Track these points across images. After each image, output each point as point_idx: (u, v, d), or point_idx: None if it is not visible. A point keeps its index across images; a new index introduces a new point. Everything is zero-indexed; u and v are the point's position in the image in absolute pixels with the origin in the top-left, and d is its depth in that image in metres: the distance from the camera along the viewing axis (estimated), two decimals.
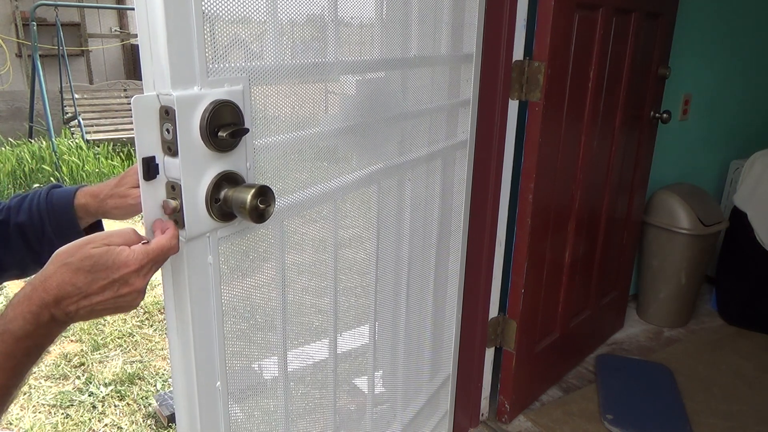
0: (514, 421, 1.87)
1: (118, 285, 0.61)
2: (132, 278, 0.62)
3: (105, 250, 0.61)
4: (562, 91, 1.63)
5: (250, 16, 0.77)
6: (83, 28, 7.12)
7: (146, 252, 0.63)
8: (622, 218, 2.20)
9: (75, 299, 0.60)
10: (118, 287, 0.61)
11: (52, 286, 0.60)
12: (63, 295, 0.60)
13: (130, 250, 0.62)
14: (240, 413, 0.87)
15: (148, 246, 0.63)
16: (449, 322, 1.58)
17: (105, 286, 0.61)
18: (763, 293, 2.42)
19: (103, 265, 0.60)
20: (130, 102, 0.64)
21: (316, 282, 1.03)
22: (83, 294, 0.60)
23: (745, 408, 1.95)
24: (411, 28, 1.16)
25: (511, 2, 1.47)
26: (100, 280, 0.60)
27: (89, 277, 0.60)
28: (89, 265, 0.60)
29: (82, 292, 0.60)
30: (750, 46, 2.65)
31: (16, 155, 4.90)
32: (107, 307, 0.62)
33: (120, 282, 0.61)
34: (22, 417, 2.01)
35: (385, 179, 1.16)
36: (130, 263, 0.61)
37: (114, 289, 0.61)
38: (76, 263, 0.60)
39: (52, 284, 0.60)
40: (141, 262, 0.62)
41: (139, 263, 0.62)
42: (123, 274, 0.61)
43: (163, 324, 2.63)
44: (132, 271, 0.61)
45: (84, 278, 0.60)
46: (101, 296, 0.61)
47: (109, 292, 0.61)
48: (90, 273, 0.60)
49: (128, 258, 0.61)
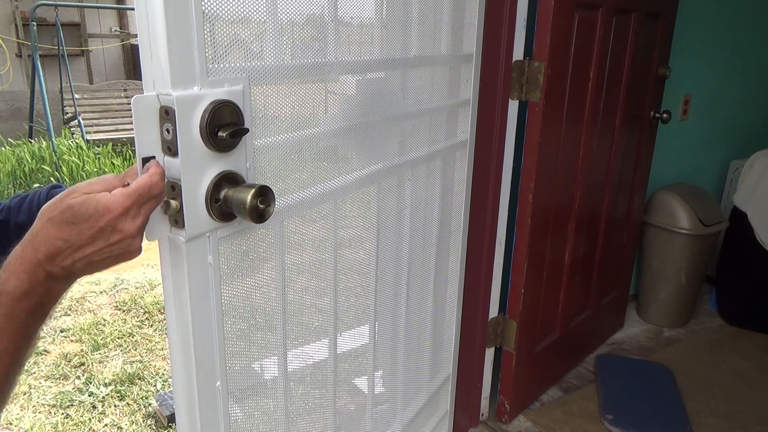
0: (514, 421, 1.87)
1: (108, 232, 0.59)
2: (119, 223, 0.59)
3: (84, 198, 0.59)
4: (562, 91, 1.63)
5: (250, 16, 0.77)
6: (83, 28, 7.13)
7: (128, 193, 0.60)
8: (622, 218, 2.20)
9: (67, 253, 0.58)
10: (108, 235, 0.59)
11: (40, 243, 0.58)
12: (54, 251, 0.58)
13: (110, 195, 0.60)
14: (240, 413, 0.87)
15: (128, 187, 0.61)
16: (449, 322, 1.58)
17: (94, 236, 0.59)
18: (763, 293, 2.42)
19: (84, 214, 0.58)
20: (130, 102, 0.64)
21: (316, 282, 1.03)
22: (74, 246, 0.58)
23: (745, 408, 1.95)
24: (411, 28, 1.16)
25: (511, 2, 1.47)
26: (86, 230, 0.58)
27: (74, 229, 0.58)
28: (71, 216, 0.58)
29: (72, 245, 0.58)
30: (750, 46, 2.65)
31: (16, 155, 4.90)
32: (105, 257, 0.60)
33: (108, 229, 0.59)
34: (22, 417, 2.01)
35: (385, 179, 1.16)
36: (112, 208, 0.59)
37: (105, 237, 0.59)
38: (58, 216, 0.58)
39: (40, 241, 0.58)
40: (123, 204, 0.59)
41: (122, 206, 0.59)
42: (108, 221, 0.59)
43: (163, 324, 2.63)
44: (117, 216, 0.59)
45: (69, 230, 0.58)
46: (93, 246, 0.59)
47: (100, 242, 0.59)
48: (74, 224, 0.58)
49: (109, 203, 0.59)
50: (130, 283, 3.09)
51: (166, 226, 0.70)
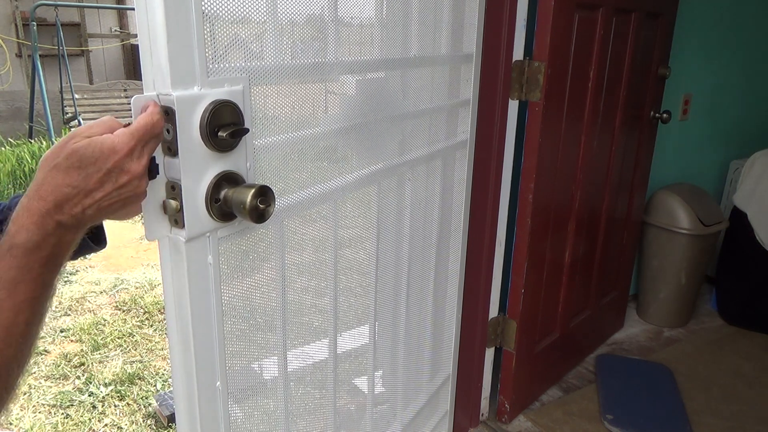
0: (514, 421, 1.87)
1: (115, 174, 0.58)
2: (126, 164, 0.58)
3: (87, 142, 0.57)
4: (562, 91, 1.63)
5: (249, 16, 0.77)
6: (83, 28, 7.13)
7: (130, 133, 0.59)
8: (622, 218, 2.20)
9: (77, 200, 0.57)
10: (116, 177, 0.58)
11: (47, 192, 0.56)
12: (62, 199, 0.56)
13: (113, 135, 0.58)
14: (240, 413, 0.87)
15: (130, 127, 0.60)
16: (449, 322, 1.58)
17: (102, 179, 0.57)
18: (763, 293, 2.42)
19: (90, 157, 0.57)
20: (130, 102, 0.64)
21: (316, 282, 1.03)
22: (83, 192, 0.57)
23: (745, 408, 1.95)
24: (411, 28, 1.16)
25: (511, 2, 1.47)
26: (94, 174, 0.57)
27: (82, 173, 0.56)
28: (77, 161, 0.56)
29: (81, 191, 0.57)
30: (750, 46, 2.65)
31: (16, 155, 4.90)
32: (114, 201, 0.59)
33: (116, 171, 0.58)
34: (22, 417, 2.01)
35: (385, 179, 1.16)
36: (117, 149, 0.58)
37: (112, 180, 0.58)
38: (63, 162, 0.56)
39: (47, 190, 0.56)
40: (129, 144, 0.58)
41: (127, 146, 0.58)
42: (115, 162, 0.57)
43: (163, 324, 2.63)
44: (123, 156, 0.58)
45: (77, 176, 0.56)
46: (102, 191, 0.58)
47: (108, 185, 0.58)
48: (80, 169, 0.56)
49: (114, 143, 0.58)
50: (130, 283, 3.09)
51: (166, 226, 0.70)
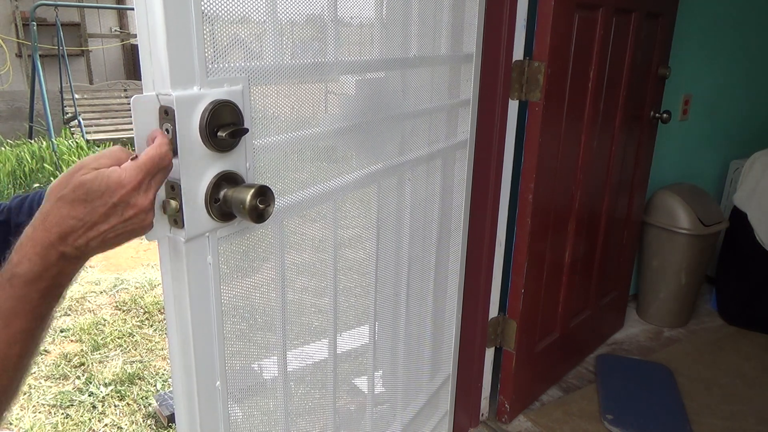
0: (514, 421, 1.87)
1: (121, 208, 0.58)
2: (133, 198, 0.58)
3: (95, 174, 0.57)
4: (562, 91, 1.63)
5: (249, 16, 0.77)
6: (83, 28, 7.13)
7: (138, 166, 0.59)
8: (622, 218, 2.20)
9: (81, 232, 0.57)
10: (122, 210, 0.58)
11: (52, 223, 0.57)
12: (67, 231, 0.57)
13: (121, 169, 0.58)
14: (240, 413, 0.87)
15: (137, 160, 0.60)
16: (449, 322, 1.58)
17: (107, 213, 0.57)
18: (763, 293, 2.42)
19: (97, 190, 0.57)
20: (130, 102, 0.64)
21: (316, 282, 1.03)
22: (87, 225, 0.57)
23: (745, 408, 1.95)
24: (411, 28, 1.16)
25: (511, 2, 1.47)
26: (100, 207, 0.57)
27: (88, 207, 0.57)
28: (83, 194, 0.56)
29: (86, 224, 0.57)
30: (750, 46, 2.65)
31: (16, 155, 4.90)
32: (119, 233, 0.59)
33: (122, 205, 0.58)
34: (22, 417, 2.01)
35: (385, 179, 1.16)
36: (125, 182, 0.58)
37: (118, 213, 0.58)
38: (70, 195, 0.57)
39: (52, 222, 0.57)
40: (136, 178, 0.58)
41: (135, 180, 0.58)
42: (122, 196, 0.58)
43: (163, 324, 2.63)
44: (130, 190, 0.58)
45: (83, 209, 0.57)
46: (107, 224, 0.58)
47: (114, 218, 0.58)
48: (87, 202, 0.57)
49: (121, 177, 0.58)
50: (130, 283, 3.09)
51: (165, 226, 0.70)
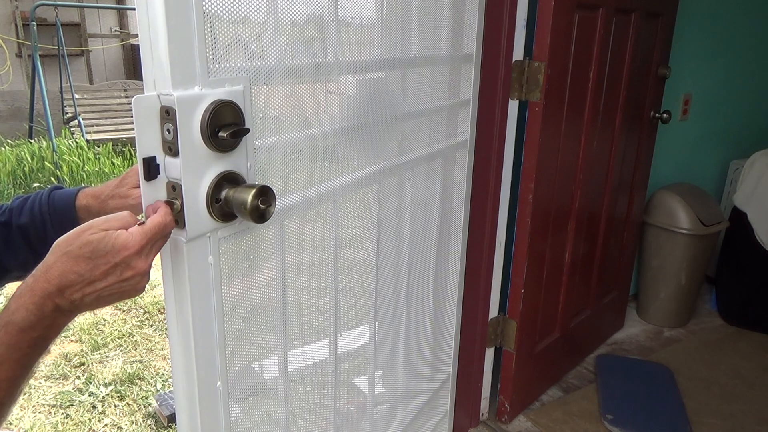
0: (514, 421, 1.87)
1: (121, 269, 0.61)
2: (133, 261, 0.61)
3: (103, 235, 0.60)
4: (562, 91, 1.63)
5: (250, 16, 0.78)
6: (83, 28, 7.13)
7: (144, 232, 0.62)
8: (622, 218, 2.20)
9: (79, 287, 0.60)
10: (121, 271, 0.61)
11: (53, 275, 0.60)
12: (66, 284, 0.60)
13: (128, 233, 0.62)
14: (240, 413, 0.87)
15: (144, 226, 0.63)
16: (449, 322, 1.58)
17: (107, 272, 0.60)
18: (763, 293, 2.42)
19: (102, 250, 0.60)
20: (131, 102, 0.64)
21: (317, 282, 1.03)
22: (86, 281, 0.60)
23: (745, 408, 1.95)
24: (411, 28, 1.16)
25: (511, 2, 1.47)
26: (102, 265, 0.60)
27: (90, 264, 0.60)
28: (89, 252, 0.60)
29: (85, 279, 0.60)
30: (750, 45, 2.65)
31: (16, 155, 4.90)
32: (113, 293, 0.62)
33: (122, 266, 0.61)
34: (22, 417, 2.01)
35: (385, 179, 1.16)
36: (129, 246, 0.61)
37: (117, 273, 0.61)
38: (75, 251, 0.60)
39: (53, 274, 0.60)
40: (140, 243, 0.62)
41: (138, 245, 0.61)
42: (124, 257, 0.61)
43: (163, 324, 2.63)
44: (132, 254, 0.61)
45: (85, 265, 0.60)
46: (105, 282, 0.61)
47: (112, 277, 0.61)
48: (90, 260, 0.60)
49: (127, 241, 0.61)
50: None
51: None
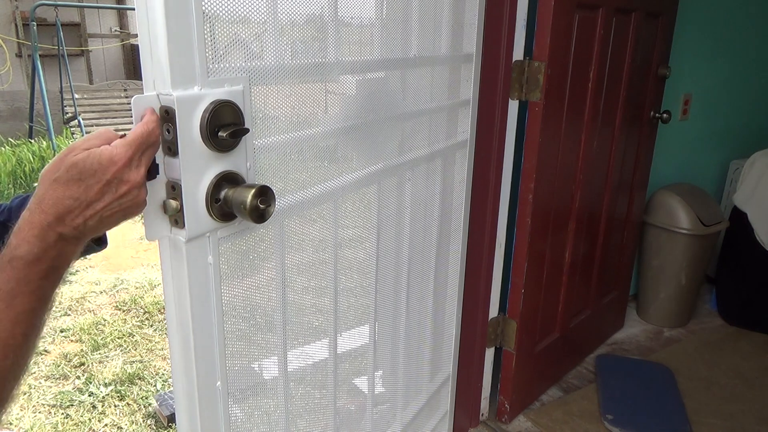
0: (514, 421, 1.87)
1: (115, 185, 0.60)
2: (125, 174, 0.60)
3: (86, 154, 0.59)
4: (562, 91, 1.63)
5: (250, 16, 0.77)
6: (83, 28, 7.13)
7: (128, 143, 0.61)
8: (622, 218, 2.20)
9: (78, 212, 0.59)
10: (116, 187, 0.60)
11: (48, 205, 0.58)
12: (63, 211, 0.58)
13: (111, 146, 0.60)
14: (240, 413, 0.87)
15: (126, 137, 0.61)
16: (449, 322, 1.58)
17: (102, 190, 0.59)
18: (763, 293, 2.42)
19: (90, 169, 0.58)
20: (130, 102, 0.64)
21: (316, 282, 1.03)
22: (84, 204, 0.59)
23: (745, 408, 1.95)
24: (411, 28, 1.16)
25: (511, 2, 1.47)
26: (94, 185, 0.59)
27: (82, 185, 0.58)
28: (77, 173, 0.58)
29: (82, 202, 0.59)
30: (750, 45, 2.65)
31: (17, 155, 4.90)
32: (115, 211, 0.61)
33: (115, 181, 0.59)
34: (22, 417, 2.01)
35: (385, 179, 1.16)
36: (116, 159, 0.59)
37: (112, 190, 0.60)
38: (63, 176, 0.58)
39: (47, 204, 0.58)
40: (126, 154, 0.60)
41: (125, 156, 0.60)
42: (114, 172, 0.59)
43: (163, 324, 2.63)
44: (121, 167, 0.60)
45: (77, 188, 0.58)
46: (103, 201, 0.59)
47: (109, 196, 0.60)
48: (81, 181, 0.58)
49: (112, 154, 0.59)
50: (130, 283, 3.09)
51: (166, 226, 0.70)
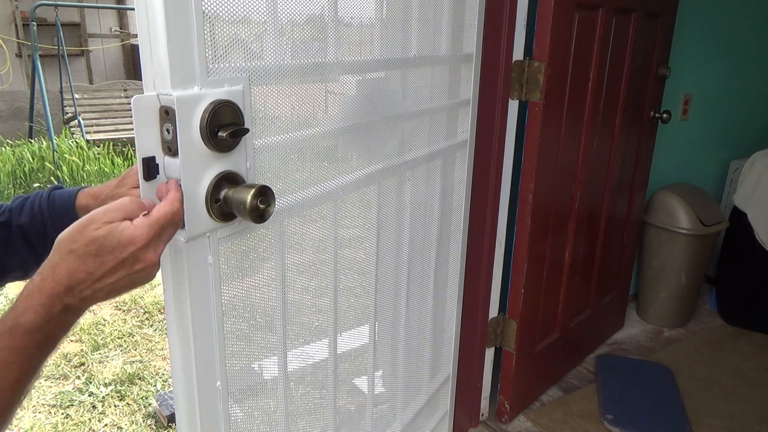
0: (514, 421, 1.87)
1: (130, 263, 0.60)
2: (142, 254, 0.60)
3: (108, 230, 0.59)
4: (562, 91, 1.63)
5: (250, 16, 0.77)
6: (83, 28, 7.12)
7: (150, 224, 0.61)
8: (622, 218, 2.20)
9: (88, 284, 0.59)
10: (131, 265, 0.60)
11: (61, 275, 0.58)
12: (75, 283, 0.58)
13: (134, 226, 0.60)
14: (240, 413, 0.87)
15: (150, 217, 0.61)
16: (449, 322, 1.58)
17: (116, 267, 0.59)
18: (763, 293, 2.42)
19: (109, 246, 0.58)
20: (130, 102, 0.64)
21: (316, 282, 1.03)
22: (96, 278, 0.59)
23: (745, 408, 1.95)
24: (411, 28, 1.16)
25: (511, 2, 1.47)
26: (110, 261, 0.59)
27: (98, 261, 0.58)
28: (95, 249, 0.58)
29: (94, 277, 0.59)
30: (750, 45, 2.65)
31: (17, 155, 4.90)
32: (124, 285, 0.61)
33: (131, 260, 0.60)
34: (22, 417, 2.01)
35: (385, 179, 1.16)
36: (136, 240, 0.59)
37: (126, 267, 0.60)
38: (81, 249, 0.58)
39: (61, 273, 0.58)
40: (147, 236, 0.60)
41: (146, 237, 0.60)
42: (132, 252, 0.59)
43: (163, 324, 2.63)
44: (140, 248, 0.60)
45: (93, 263, 0.58)
46: (114, 277, 0.59)
47: (121, 272, 0.60)
48: (98, 257, 0.58)
49: (133, 235, 0.59)
50: None
51: None
